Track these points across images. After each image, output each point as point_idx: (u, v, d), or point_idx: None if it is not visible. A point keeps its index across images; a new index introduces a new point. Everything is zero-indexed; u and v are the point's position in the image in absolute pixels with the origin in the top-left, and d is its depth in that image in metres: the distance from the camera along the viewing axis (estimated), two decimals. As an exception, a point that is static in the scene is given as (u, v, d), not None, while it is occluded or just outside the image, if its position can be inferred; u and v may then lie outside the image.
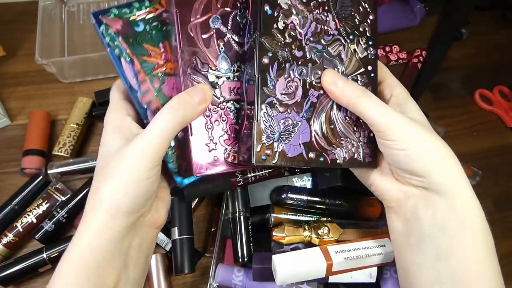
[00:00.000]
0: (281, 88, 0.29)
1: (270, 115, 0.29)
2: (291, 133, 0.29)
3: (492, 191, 0.59)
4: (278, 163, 0.29)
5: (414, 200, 0.30)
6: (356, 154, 0.32)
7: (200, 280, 0.47)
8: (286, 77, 0.29)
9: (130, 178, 0.26)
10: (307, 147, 0.30)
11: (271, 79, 0.29)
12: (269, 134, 0.29)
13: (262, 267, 0.37)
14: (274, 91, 0.29)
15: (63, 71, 0.59)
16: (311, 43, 0.31)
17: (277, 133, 0.29)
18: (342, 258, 0.36)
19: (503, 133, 0.66)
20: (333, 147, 0.31)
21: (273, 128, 0.29)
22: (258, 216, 0.45)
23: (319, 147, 0.30)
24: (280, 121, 0.29)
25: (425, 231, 0.29)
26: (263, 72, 0.28)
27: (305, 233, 0.40)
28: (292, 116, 0.30)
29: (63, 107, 0.58)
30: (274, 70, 0.29)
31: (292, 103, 0.30)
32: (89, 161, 0.50)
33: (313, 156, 0.30)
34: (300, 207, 0.43)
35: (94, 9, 0.70)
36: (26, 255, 0.44)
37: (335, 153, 0.31)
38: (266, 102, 0.29)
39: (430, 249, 0.28)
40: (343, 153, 0.31)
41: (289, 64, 0.30)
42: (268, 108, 0.29)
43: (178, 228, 0.44)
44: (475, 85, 0.69)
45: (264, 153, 0.28)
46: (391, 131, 0.28)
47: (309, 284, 0.39)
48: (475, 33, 0.75)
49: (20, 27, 0.66)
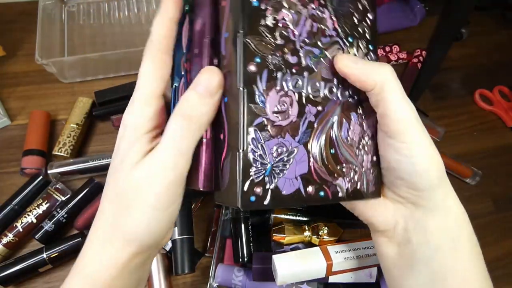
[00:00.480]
0: (273, 105, 0.23)
1: (259, 141, 0.22)
2: (285, 163, 0.23)
3: (492, 191, 0.59)
4: (270, 205, 0.23)
5: (404, 221, 0.28)
6: (360, 183, 0.27)
7: (200, 280, 0.47)
8: (278, 89, 0.23)
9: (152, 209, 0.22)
10: (305, 180, 0.24)
11: (260, 93, 0.22)
12: (259, 167, 0.22)
13: (262, 267, 0.37)
14: (265, 109, 0.23)
15: (63, 71, 0.59)
16: (307, 45, 0.25)
17: (269, 164, 0.23)
18: (342, 258, 0.36)
19: (503, 133, 0.66)
20: (334, 177, 0.26)
21: (264, 158, 0.22)
22: (258, 216, 0.45)
23: (318, 178, 0.25)
24: (273, 149, 0.23)
25: (418, 253, 0.27)
26: (249, 83, 0.22)
27: (305, 233, 0.40)
28: (287, 141, 0.23)
29: (63, 107, 0.58)
30: (263, 80, 0.23)
31: (287, 124, 0.23)
32: (89, 161, 0.50)
33: (311, 191, 0.24)
34: (300, 207, 0.43)
35: (94, 9, 0.70)
36: (26, 255, 0.44)
37: (336, 185, 0.26)
38: (254, 125, 0.22)
39: (425, 272, 0.27)
40: (345, 183, 0.26)
41: (282, 73, 0.24)
42: (257, 132, 0.22)
43: (178, 228, 0.44)
44: (475, 85, 0.69)
45: (254, 193, 0.22)
46: (404, 131, 0.25)
47: (309, 284, 0.39)
48: (475, 33, 0.75)
49: (20, 27, 0.66)
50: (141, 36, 0.67)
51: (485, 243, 0.28)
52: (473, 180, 0.59)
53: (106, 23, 0.69)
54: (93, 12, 0.70)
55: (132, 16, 0.70)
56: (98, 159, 0.50)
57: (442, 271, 0.26)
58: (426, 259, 0.27)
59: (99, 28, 0.68)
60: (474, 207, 0.57)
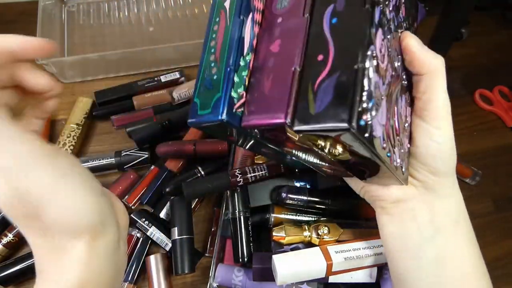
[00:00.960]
0: (379, 43, 0.21)
1: (371, 67, 0.20)
2: (378, 106, 0.21)
3: (492, 191, 0.59)
4: (366, 140, 0.19)
5: (412, 202, 0.29)
6: (400, 162, 0.26)
7: (200, 280, 0.47)
8: (382, 37, 0.22)
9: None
10: (384, 133, 0.22)
11: (375, 24, 0.21)
12: (367, 94, 0.19)
13: (262, 267, 0.37)
14: (375, 40, 0.21)
15: (63, 71, 0.59)
16: (393, 12, 0.24)
17: (374, 98, 0.20)
18: (342, 258, 0.36)
19: (503, 133, 0.66)
20: (393, 145, 0.23)
21: (371, 86, 0.20)
22: (258, 216, 0.45)
23: (388, 137, 0.22)
24: (374, 84, 0.20)
25: (422, 233, 0.29)
26: (372, 8, 0.21)
27: (305, 233, 0.40)
28: (380, 85, 0.21)
29: (63, 107, 0.58)
30: (376, 18, 0.21)
31: (383, 68, 0.22)
32: (89, 161, 0.50)
33: (385, 146, 0.22)
34: (300, 207, 0.43)
35: (94, 9, 0.70)
36: (26, 255, 0.44)
37: (395, 153, 0.24)
38: (371, 49, 0.20)
39: (429, 252, 0.28)
40: (397, 156, 0.24)
41: (386, 24, 0.23)
42: (370, 58, 0.20)
43: (178, 228, 0.44)
44: (475, 85, 0.69)
45: (362, 118, 0.19)
46: (443, 118, 0.27)
47: (309, 284, 0.39)
48: (475, 33, 0.75)
49: (20, 27, 0.66)
50: (141, 36, 0.68)
51: (485, 243, 0.29)
52: (473, 180, 0.59)
53: (106, 23, 0.69)
54: (93, 12, 0.70)
55: (132, 16, 0.70)
56: (98, 159, 0.50)
57: (445, 252, 0.28)
58: (430, 239, 0.28)
59: (99, 28, 0.68)
60: (474, 207, 0.57)
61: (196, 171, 0.49)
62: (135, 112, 0.56)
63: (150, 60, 0.62)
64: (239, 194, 0.44)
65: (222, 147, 0.49)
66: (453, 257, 0.28)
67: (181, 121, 0.53)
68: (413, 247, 0.29)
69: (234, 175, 0.41)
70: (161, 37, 0.68)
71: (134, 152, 0.51)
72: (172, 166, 0.50)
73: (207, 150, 0.49)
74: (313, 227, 0.40)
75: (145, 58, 0.61)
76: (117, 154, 0.51)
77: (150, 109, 0.56)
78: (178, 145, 0.49)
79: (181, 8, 0.73)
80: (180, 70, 0.61)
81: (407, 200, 0.29)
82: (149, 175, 0.50)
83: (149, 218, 0.47)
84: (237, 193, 0.44)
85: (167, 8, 0.72)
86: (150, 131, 0.51)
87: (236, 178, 0.41)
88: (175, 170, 0.50)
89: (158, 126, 0.52)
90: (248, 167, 0.42)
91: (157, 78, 0.59)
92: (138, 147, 0.52)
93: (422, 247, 0.28)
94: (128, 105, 0.56)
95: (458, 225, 0.29)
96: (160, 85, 0.59)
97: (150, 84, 0.58)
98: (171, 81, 0.60)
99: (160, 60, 0.62)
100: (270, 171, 0.42)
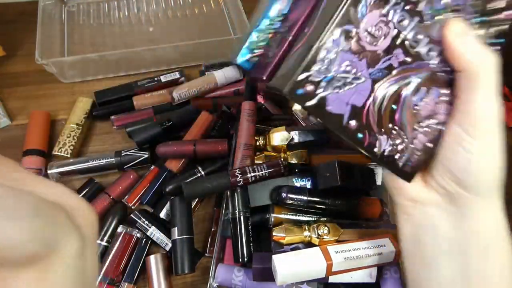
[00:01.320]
0: (370, 23, 0.22)
1: (337, 46, 0.22)
2: (346, 84, 0.23)
3: (492, 191, 0.59)
4: (311, 108, 0.22)
5: (432, 209, 0.27)
6: (399, 155, 0.25)
7: (200, 280, 0.47)
8: (383, 14, 0.22)
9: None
10: (354, 113, 0.23)
11: (365, 4, 0.22)
12: (322, 70, 0.22)
13: (262, 267, 0.37)
14: (360, 20, 0.22)
15: (63, 71, 0.59)
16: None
17: (332, 73, 0.22)
18: (342, 258, 0.36)
19: (503, 133, 0.66)
20: (379, 131, 0.24)
21: (331, 64, 0.22)
22: (258, 216, 0.45)
23: (366, 120, 0.24)
24: (345, 62, 0.22)
25: (440, 245, 0.26)
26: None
27: (305, 233, 0.40)
28: (360, 66, 0.23)
29: (63, 107, 0.58)
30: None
31: (370, 50, 0.23)
32: (89, 161, 0.50)
33: (353, 126, 0.24)
34: (300, 207, 0.43)
35: (94, 9, 0.70)
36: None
37: (377, 139, 0.24)
38: (343, 28, 0.22)
39: (445, 269, 0.26)
40: (386, 144, 0.25)
41: (395, 2, 0.22)
42: (341, 37, 0.22)
43: (178, 228, 0.44)
44: (475, 85, 0.69)
45: (304, 87, 0.22)
46: (480, 129, 0.23)
47: (309, 284, 0.39)
48: (475, 33, 0.75)
49: (20, 27, 0.66)
50: (141, 36, 0.68)
51: (485, 243, 0.28)
52: (473, 180, 0.59)
53: (106, 23, 0.69)
54: (93, 12, 0.70)
55: (132, 16, 0.70)
56: (98, 159, 0.50)
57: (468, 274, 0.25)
58: (449, 254, 0.26)
59: (99, 28, 0.68)
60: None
61: (196, 171, 0.49)
62: (135, 112, 0.56)
63: (150, 60, 0.62)
64: (239, 194, 0.44)
65: (222, 147, 0.49)
66: (478, 282, 0.25)
67: (181, 121, 0.53)
68: (427, 255, 0.27)
69: (234, 175, 0.41)
70: (161, 37, 0.68)
71: (134, 152, 0.51)
72: (172, 166, 0.50)
73: (207, 150, 0.49)
74: (313, 227, 0.40)
75: (145, 58, 0.61)
76: (117, 154, 0.51)
77: (150, 109, 0.56)
78: (178, 145, 0.49)
79: (181, 8, 0.73)
80: (180, 70, 0.61)
81: (427, 205, 0.27)
82: (149, 175, 0.50)
83: (149, 218, 0.47)
84: (237, 193, 0.44)
85: (167, 8, 0.72)
86: (150, 131, 0.51)
87: (236, 178, 0.41)
88: (175, 170, 0.50)
89: (158, 126, 0.52)
90: (248, 167, 0.42)
91: (157, 78, 0.59)
92: (138, 147, 0.52)
93: (437, 259, 0.26)
94: (128, 105, 0.56)
95: (488, 249, 0.25)
96: (160, 85, 0.59)
97: (150, 84, 0.58)
98: (171, 81, 0.60)
99: (160, 60, 0.62)
100: (270, 171, 0.42)
